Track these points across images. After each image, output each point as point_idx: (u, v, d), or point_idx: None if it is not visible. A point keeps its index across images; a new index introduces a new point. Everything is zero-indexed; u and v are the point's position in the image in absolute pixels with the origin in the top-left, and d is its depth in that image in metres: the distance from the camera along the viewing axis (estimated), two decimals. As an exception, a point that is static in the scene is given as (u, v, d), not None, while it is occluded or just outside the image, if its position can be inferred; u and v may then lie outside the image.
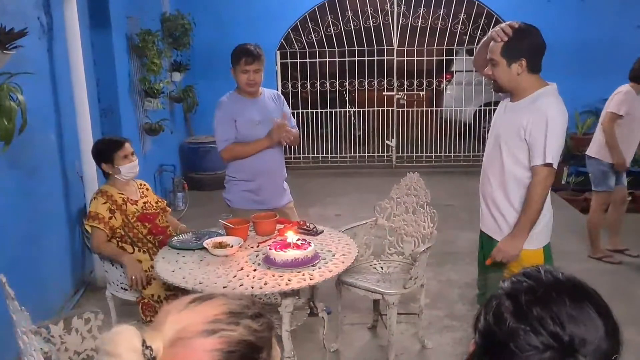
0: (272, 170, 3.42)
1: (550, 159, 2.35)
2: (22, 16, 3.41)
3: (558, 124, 2.36)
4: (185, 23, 6.59)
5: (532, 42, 2.42)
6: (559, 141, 2.37)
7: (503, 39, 2.40)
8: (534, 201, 2.40)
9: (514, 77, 2.42)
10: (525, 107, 2.42)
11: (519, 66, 2.39)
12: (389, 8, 7.70)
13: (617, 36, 7.29)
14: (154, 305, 2.92)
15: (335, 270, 2.55)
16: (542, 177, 2.38)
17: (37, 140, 3.62)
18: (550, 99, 2.39)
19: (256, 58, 3.33)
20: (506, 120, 2.51)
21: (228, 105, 3.40)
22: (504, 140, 2.49)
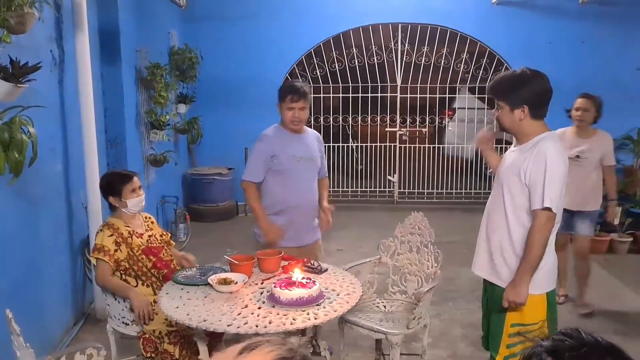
0: (305, 205, 3.47)
1: (549, 203, 2.35)
2: (35, 49, 3.48)
3: (557, 168, 2.38)
4: (192, 57, 6.70)
5: (535, 90, 2.45)
6: (558, 186, 2.37)
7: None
8: (534, 246, 2.39)
9: (517, 122, 2.47)
10: (525, 152, 2.46)
11: (521, 112, 2.44)
12: (393, 46, 7.84)
13: (617, 78, 7.39)
14: (154, 341, 2.90)
15: (340, 310, 2.54)
16: (542, 221, 2.37)
17: (44, 170, 3.64)
18: (549, 143, 2.41)
19: (302, 96, 3.36)
20: (508, 165, 2.55)
21: (270, 140, 3.44)
22: (506, 184, 2.52)
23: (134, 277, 3.05)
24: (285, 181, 3.41)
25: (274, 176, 3.43)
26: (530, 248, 2.39)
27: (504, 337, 2.54)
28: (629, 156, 7.32)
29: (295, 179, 3.41)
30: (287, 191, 3.41)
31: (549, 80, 2.49)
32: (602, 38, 7.39)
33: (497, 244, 2.57)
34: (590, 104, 4.22)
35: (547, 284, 2.53)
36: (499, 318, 2.57)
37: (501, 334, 2.55)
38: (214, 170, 7.38)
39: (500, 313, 2.55)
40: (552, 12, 7.43)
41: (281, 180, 3.42)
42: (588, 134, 4.29)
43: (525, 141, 2.49)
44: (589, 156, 4.22)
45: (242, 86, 7.63)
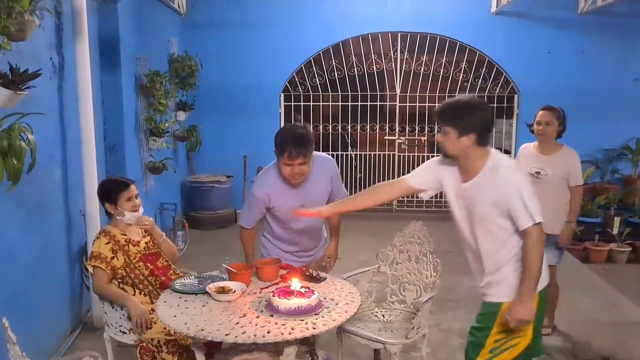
0: (310, 242, 3.34)
1: (539, 218, 2.37)
2: (35, 57, 3.49)
3: (527, 185, 2.41)
4: (192, 64, 6.72)
5: (483, 118, 2.44)
6: (533, 199, 2.38)
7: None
8: (534, 263, 2.39)
9: (462, 149, 2.45)
10: (486, 182, 2.43)
11: (468, 139, 2.42)
12: (393, 54, 7.86)
13: (615, 88, 7.43)
14: (152, 350, 2.88)
15: (339, 320, 2.53)
16: (535, 236, 2.38)
17: (43, 177, 3.64)
18: (505, 168, 2.42)
19: (303, 151, 2.91)
20: (474, 199, 2.48)
21: (265, 193, 3.10)
22: (482, 217, 2.47)
23: (130, 285, 3.04)
24: (287, 226, 3.22)
25: (274, 219, 3.24)
26: (531, 265, 2.39)
27: (489, 341, 2.54)
28: (628, 166, 7.35)
29: (297, 225, 3.18)
30: (289, 233, 3.27)
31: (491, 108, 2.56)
32: (601, 48, 7.43)
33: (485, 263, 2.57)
34: (553, 117, 3.83)
35: (541, 281, 2.51)
36: (486, 326, 2.56)
37: (486, 340, 2.55)
38: (212, 178, 7.38)
39: (488, 321, 2.54)
40: (551, 22, 7.47)
41: (282, 225, 3.23)
42: (551, 149, 3.89)
43: (475, 170, 2.46)
44: (549, 173, 3.83)
45: (241, 94, 7.65)
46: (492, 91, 7.86)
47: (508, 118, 8.09)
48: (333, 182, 3.24)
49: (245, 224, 3.28)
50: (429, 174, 2.70)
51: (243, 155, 7.49)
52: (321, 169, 3.16)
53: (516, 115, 7.84)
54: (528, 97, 7.45)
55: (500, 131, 8.17)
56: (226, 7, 7.57)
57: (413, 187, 2.75)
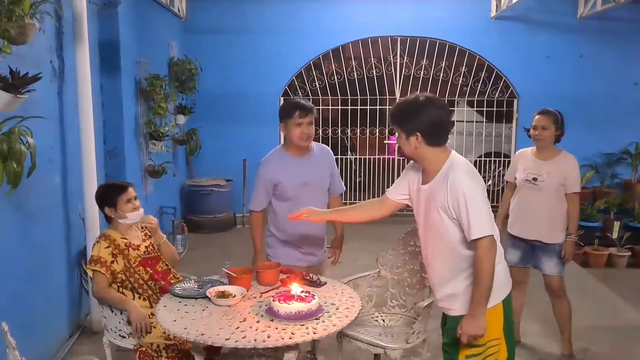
0: (314, 231, 3.35)
1: (481, 233, 2.27)
2: (35, 60, 3.49)
3: (475, 195, 2.30)
4: (192, 68, 6.72)
5: (427, 118, 2.36)
6: (484, 209, 2.31)
7: None
8: (483, 275, 2.30)
9: (413, 150, 2.41)
10: (439, 186, 2.38)
11: (415, 139, 2.38)
12: (392, 59, 7.87)
13: (614, 92, 7.44)
14: (151, 354, 2.86)
15: (339, 325, 2.52)
16: (484, 249, 2.29)
17: (42, 181, 3.63)
18: (457, 173, 2.34)
19: (309, 111, 3.20)
20: (427, 202, 2.46)
21: (272, 167, 3.26)
22: (432, 220, 2.43)
23: (130, 289, 3.03)
24: (292, 207, 3.17)
25: (280, 202, 3.31)
26: (481, 278, 2.30)
27: (460, 357, 2.46)
28: (627, 170, 7.35)
29: (302, 204, 3.14)
30: (295, 239, 3.32)
31: (445, 106, 2.45)
32: (600, 53, 7.45)
33: (439, 273, 2.52)
34: (549, 121, 3.68)
35: (501, 290, 2.44)
36: (450, 343, 2.49)
37: (457, 356, 2.47)
38: (212, 182, 7.37)
39: (452, 339, 2.46)
40: (550, 27, 7.49)
41: (288, 207, 3.22)
42: (549, 155, 3.72)
43: (432, 172, 2.43)
44: (547, 180, 3.68)
45: (241, 98, 7.65)
46: (491, 95, 7.87)
47: (507, 122, 8.11)
48: (332, 169, 3.45)
49: (254, 206, 3.36)
50: (400, 184, 2.70)
51: (243, 159, 7.49)
52: (321, 152, 3.43)
53: (515, 119, 7.85)
54: (527, 101, 7.46)
55: (500, 135, 8.18)
56: (226, 12, 7.58)
57: (395, 202, 2.72)
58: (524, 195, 3.80)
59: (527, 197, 3.77)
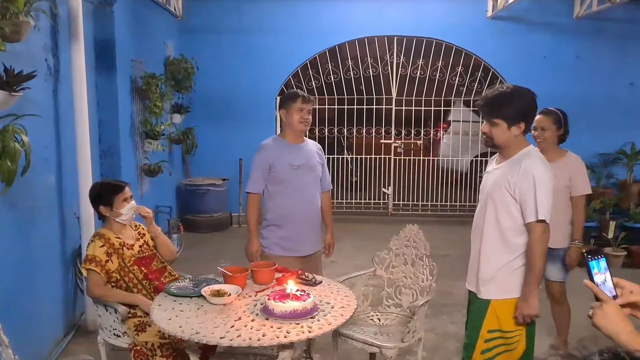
0: (307, 214, 3.48)
1: (543, 216, 2.42)
2: (30, 58, 3.47)
3: (545, 182, 2.44)
4: (188, 67, 6.71)
5: (530, 106, 2.55)
6: (549, 198, 2.44)
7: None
8: (536, 258, 2.45)
9: (512, 138, 2.53)
10: (511, 168, 2.51)
11: (518, 128, 2.50)
12: (389, 58, 7.88)
13: (611, 92, 7.46)
14: (146, 353, 2.85)
15: (335, 323, 2.51)
16: (539, 233, 2.44)
17: (37, 180, 3.61)
18: (533, 159, 2.49)
19: (310, 100, 3.47)
20: (494, 181, 2.59)
21: (267, 150, 3.46)
22: (491, 199, 2.56)
23: (125, 288, 3.02)
24: (285, 190, 3.42)
25: (274, 186, 3.44)
26: (534, 260, 2.45)
27: (479, 342, 2.58)
28: (623, 170, 7.37)
29: (295, 187, 3.42)
30: (288, 200, 3.42)
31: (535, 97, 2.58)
32: (596, 53, 7.47)
33: (477, 255, 2.65)
34: (549, 122, 3.52)
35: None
36: (475, 324, 2.62)
37: (476, 339, 2.59)
38: (208, 181, 7.36)
39: (477, 319, 2.61)
40: (547, 27, 7.50)
41: (281, 190, 3.42)
42: (553, 156, 3.42)
43: (509, 155, 2.56)
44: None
45: (237, 97, 7.63)
46: (487, 95, 7.86)
47: (504, 122, 8.09)
48: (322, 162, 3.65)
49: (251, 188, 3.47)
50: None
51: (239, 158, 7.48)
52: (313, 145, 3.65)
53: (512, 119, 7.84)
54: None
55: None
56: (223, 11, 7.57)
57: None
58: None
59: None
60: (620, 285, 1.43)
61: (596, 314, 1.34)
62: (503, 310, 2.54)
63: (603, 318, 1.33)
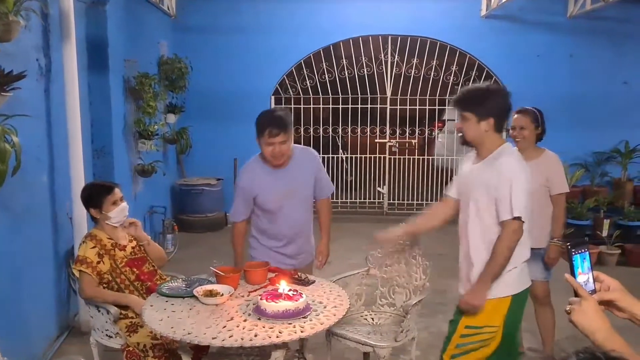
0: (299, 236, 3.28)
1: (518, 213, 2.44)
2: (21, 58, 3.45)
3: (521, 180, 2.48)
4: (182, 66, 6.69)
5: (501, 103, 2.57)
6: (524, 196, 2.47)
7: None
8: (498, 254, 2.47)
9: (482, 134, 2.56)
10: (488, 166, 2.55)
11: (487, 123, 2.53)
12: (383, 57, 7.87)
13: (605, 91, 7.47)
14: (138, 354, 2.84)
15: (327, 323, 2.51)
16: (510, 230, 2.46)
17: (29, 180, 3.60)
18: (509, 157, 2.53)
19: (282, 129, 2.98)
20: (474, 181, 2.61)
21: (250, 180, 3.15)
22: (474, 201, 2.59)
23: (116, 290, 3.01)
24: (274, 218, 3.19)
25: (261, 213, 3.23)
26: (495, 256, 2.47)
27: (455, 335, 2.63)
28: (617, 169, 7.38)
29: (283, 216, 3.17)
30: (278, 227, 3.22)
31: (510, 96, 2.62)
32: (590, 52, 7.48)
33: (465, 259, 2.69)
34: (527, 121, 3.49)
35: (517, 285, 2.59)
36: (456, 319, 2.67)
37: (454, 333, 2.64)
38: (203, 181, 7.34)
39: (458, 315, 2.66)
40: (541, 26, 7.50)
41: (269, 218, 3.21)
42: (531, 155, 3.40)
43: (486, 154, 2.59)
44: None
45: (231, 97, 7.61)
46: (482, 94, 7.86)
47: (498, 121, 8.11)
48: (317, 172, 3.29)
49: (235, 217, 3.28)
50: (456, 180, 2.86)
51: (233, 158, 7.45)
52: (304, 158, 3.25)
53: (506, 118, 7.85)
54: (517, 100, 7.29)
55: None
56: (216, 10, 7.55)
57: (453, 197, 2.83)
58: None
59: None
60: (600, 279, 1.41)
61: (574, 311, 1.32)
62: (486, 308, 2.55)
63: (580, 315, 1.31)
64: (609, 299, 1.39)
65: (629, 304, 1.38)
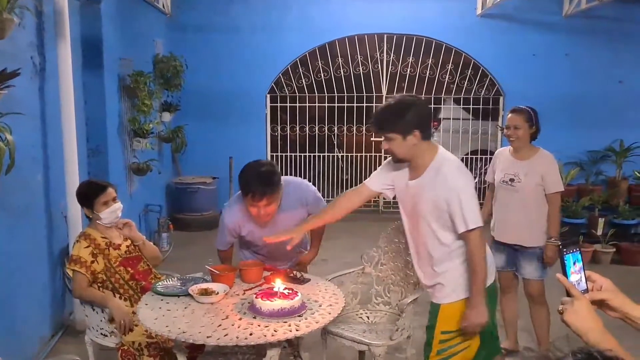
0: (288, 254, 3.17)
1: (473, 224, 2.40)
2: (15, 56, 3.44)
3: (467, 188, 2.44)
4: (177, 65, 6.66)
5: (421, 113, 2.49)
6: (474, 202, 2.44)
7: None
8: (477, 265, 2.44)
9: (411, 149, 2.49)
10: (431, 181, 2.48)
11: (413, 137, 2.46)
12: (379, 56, 7.87)
13: (600, 90, 7.49)
14: (133, 353, 2.84)
15: (322, 321, 2.51)
16: (475, 240, 2.43)
17: (24, 179, 3.58)
18: (449, 167, 2.47)
19: (267, 191, 2.78)
20: (419, 197, 2.54)
21: (235, 220, 3.05)
22: (423, 218, 2.54)
23: (111, 289, 3.00)
24: (260, 251, 3.19)
25: (247, 244, 3.23)
26: (476, 268, 2.44)
27: (435, 342, 2.61)
28: (612, 167, 7.41)
29: (270, 251, 3.14)
30: (265, 259, 3.22)
31: (426, 100, 2.58)
32: (586, 51, 7.50)
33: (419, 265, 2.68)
34: (521, 120, 3.50)
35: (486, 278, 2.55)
36: (431, 324, 2.66)
37: (432, 339, 2.62)
38: (198, 180, 7.33)
39: (432, 320, 2.64)
40: (536, 25, 7.52)
41: (256, 250, 3.22)
42: (525, 154, 3.54)
43: (423, 168, 2.52)
44: (524, 181, 3.50)
45: (227, 95, 7.61)
46: (477, 93, 7.89)
47: (494, 120, 8.13)
48: (310, 207, 3.12)
49: (220, 246, 3.24)
50: (384, 175, 2.76)
51: (229, 157, 7.45)
52: (295, 196, 3.06)
53: (501, 117, 7.87)
54: (513, 99, 7.46)
55: (486, 133, 8.21)
56: (212, 9, 7.53)
57: (373, 191, 2.82)
58: (501, 198, 3.65)
59: (505, 199, 3.63)
60: (592, 279, 1.42)
61: (566, 311, 1.32)
62: (453, 312, 2.55)
63: (573, 315, 1.31)
64: (601, 298, 1.39)
65: (621, 303, 1.39)
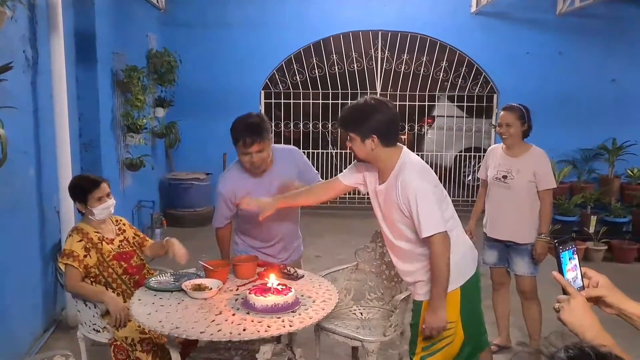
0: (284, 236, 3.22)
1: (433, 230, 2.39)
2: (7, 49, 3.41)
3: (424, 194, 2.41)
4: (171, 60, 6.64)
5: (381, 119, 2.44)
6: (434, 207, 2.43)
7: None
8: (439, 269, 2.43)
9: (370, 152, 2.49)
10: (392, 187, 2.49)
11: (371, 142, 2.45)
12: (373, 53, 7.87)
13: (593, 88, 7.52)
14: (126, 348, 2.83)
15: (316, 317, 2.50)
16: (438, 244, 2.41)
17: (16, 173, 3.56)
18: (407, 172, 2.44)
19: (257, 138, 2.83)
20: (385, 202, 2.57)
21: (230, 188, 3.04)
22: (391, 221, 2.57)
23: (104, 284, 2.98)
24: (257, 223, 3.03)
25: (244, 219, 3.16)
26: (438, 272, 2.43)
27: (419, 339, 2.63)
28: (604, 165, 7.45)
29: (267, 221, 3.00)
30: (261, 231, 3.16)
31: (394, 107, 2.54)
32: (579, 49, 7.53)
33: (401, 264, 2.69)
34: (513, 118, 3.52)
35: (459, 276, 2.55)
36: (414, 321, 2.67)
37: (417, 336, 2.64)
38: (192, 175, 7.31)
39: (415, 317, 2.66)
40: (530, 23, 7.54)
41: (253, 223, 3.08)
42: (518, 151, 3.57)
43: (387, 174, 2.53)
44: (516, 177, 3.52)
45: (221, 91, 7.59)
46: (471, 90, 7.91)
47: (487, 117, 8.16)
48: (300, 171, 3.16)
49: (217, 223, 3.22)
50: (356, 172, 2.76)
51: (223, 153, 7.43)
52: (285, 160, 3.12)
53: (495, 114, 7.89)
54: (507, 97, 7.48)
55: (480, 130, 8.23)
56: (206, 4, 7.51)
57: (346, 185, 2.82)
58: (494, 194, 3.67)
59: (497, 196, 3.64)
60: (588, 275, 1.41)
61: (563, 309, 1.31)
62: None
63: (569, 313, 1.30)
64: (597, 295, 1.38)
65: (617, 300, 1.38)
